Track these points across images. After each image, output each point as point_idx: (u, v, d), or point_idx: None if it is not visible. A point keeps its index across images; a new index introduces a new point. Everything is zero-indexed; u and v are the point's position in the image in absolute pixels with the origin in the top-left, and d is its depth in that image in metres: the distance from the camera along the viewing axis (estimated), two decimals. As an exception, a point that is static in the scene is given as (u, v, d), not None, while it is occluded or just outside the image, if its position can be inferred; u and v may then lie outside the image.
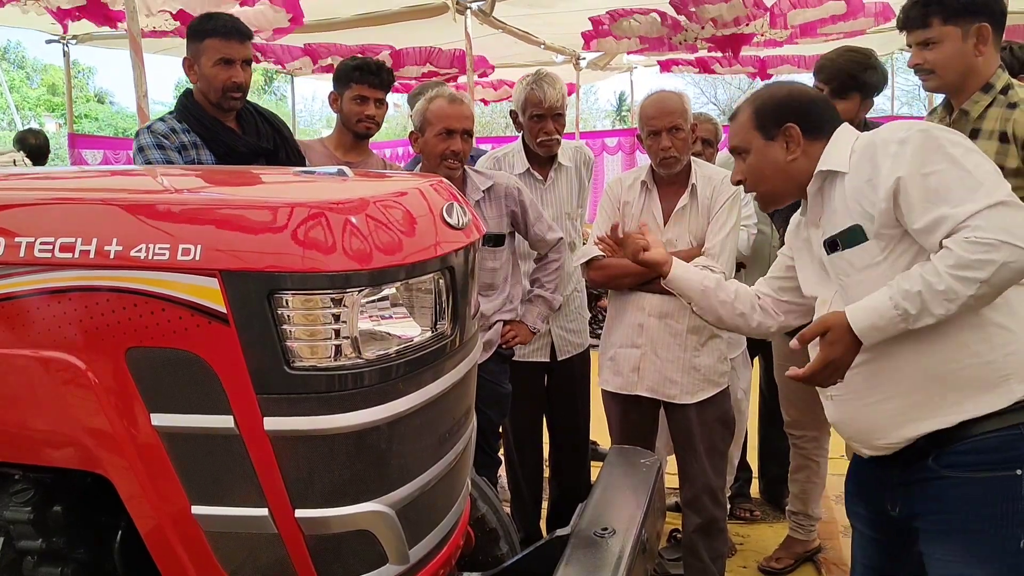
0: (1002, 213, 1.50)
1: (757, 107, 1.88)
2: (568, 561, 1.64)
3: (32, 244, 1.33)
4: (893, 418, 1.70)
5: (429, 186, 1.62)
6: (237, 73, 2.66)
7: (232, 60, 2.65)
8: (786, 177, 1.86)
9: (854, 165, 1.73)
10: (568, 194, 3.25)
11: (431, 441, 1.53)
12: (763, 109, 1.87)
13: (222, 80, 2.64)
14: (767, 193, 1.93)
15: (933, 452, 1.67)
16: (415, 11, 6.54)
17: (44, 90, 26.34)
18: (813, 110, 1.85)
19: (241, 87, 2.69)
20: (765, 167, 1.87)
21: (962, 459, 1.63)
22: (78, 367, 1.33)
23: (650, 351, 2.73)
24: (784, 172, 1.85)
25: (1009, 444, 1.60)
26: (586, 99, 26.13)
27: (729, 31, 6.47)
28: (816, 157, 1.81)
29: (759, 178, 1.90)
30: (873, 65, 2.85)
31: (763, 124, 1.85)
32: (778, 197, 1.93)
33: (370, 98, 3.08)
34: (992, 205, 1.51)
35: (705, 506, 2.78)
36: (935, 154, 1.57)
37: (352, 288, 1.31)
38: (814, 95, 1.93)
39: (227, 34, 2.66)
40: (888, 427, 1.71)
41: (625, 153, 11.29)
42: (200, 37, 2.67)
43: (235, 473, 1.34)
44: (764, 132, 1.85)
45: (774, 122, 1.84)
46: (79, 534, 1.47)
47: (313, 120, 27.01)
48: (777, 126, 1.83)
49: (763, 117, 1.86)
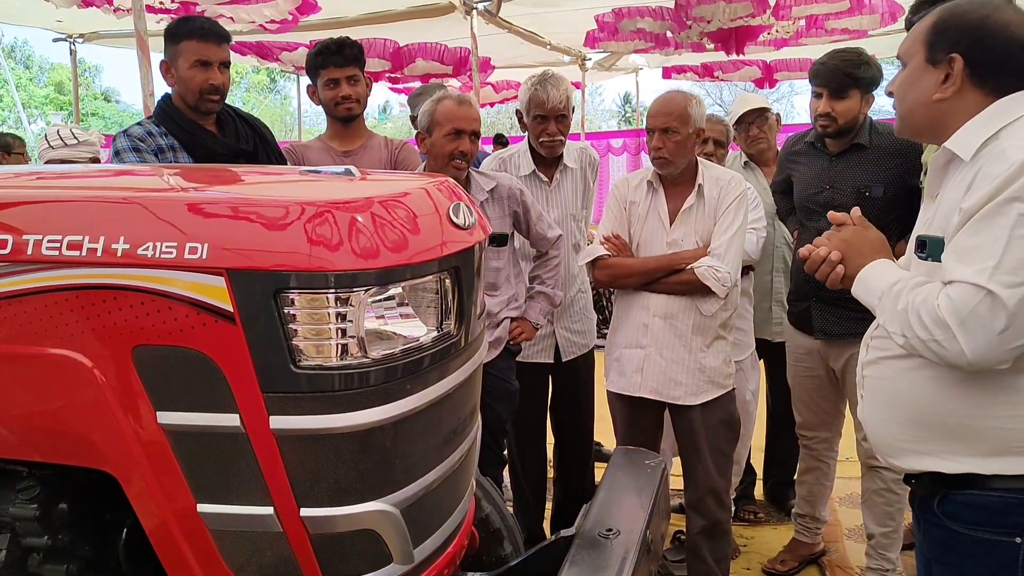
0: (975, 303, 1.38)
1: (940, 19, 1.56)
2: (572, 562, 1.64)
3: (40, 242, 1.33)
4: (900, 442, 1.61)
5: (435, 186, 1.62)
6: (214, 75, 2.65)
7: (209, 62, 2.64)
8: (925, 115, 1.59)
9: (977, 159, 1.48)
10: (573, 195, 3.25)
11: (436, 441, 1.53)
12: (944, 25, 1.55)
13: (199, 82, 2.63)
14: (903, 119, 1.65)
15: (939, 493, 1.58)
16: (421, 10, 6.55)
17: (51, 88, 26.46)
18: (998, 49, 1.50)
19: (219, 89, 2.67)
20: (909, 91, 1.60)
21: (963, 511, 1.54)
22: (84, 365, 1.33)
23: (655, 352, 2.72)
24: (925, 108, 1.58)
25: (1012, 508, 1.48)
26: (592, 100, 26.15)
27: (735, 24, 6.45)
28: (973, 111, 1.52)
29: (901, 98, 1.63)
30: (866, 60, 2.87)
31: (934, 42, 1.55)
32: (912, 131, 1.67)
33: (340, 78, 3.05)
34: (977, 286, 1.38)
35: (709, 508, 2.78)
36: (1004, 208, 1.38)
37: (358, 287, 1.31)
38: (1013, 34, 1.50)
39: (204, 36, 2.64)
40: (895, 449, 1.63)
41: (630, 154, 11.31)
42: (177, 39, 2.66)
43: (241, 471, 1.34)
44: (930, 51, 1.55)
45: (945, 43, 1.53)
46: (84, 531, 1.48)
47: (318, 120, 27.05)
48: (944, 51, 1.53)
49: (938, 34, 1.55)
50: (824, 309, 2.96)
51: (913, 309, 1.45)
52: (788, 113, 25.12)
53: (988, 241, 1.38)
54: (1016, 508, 1.48)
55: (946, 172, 1.58)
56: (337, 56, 3.03)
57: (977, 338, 1.38)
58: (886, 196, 2.86)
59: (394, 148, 3.24)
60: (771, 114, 3.82)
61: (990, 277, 1.37)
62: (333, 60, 3.04)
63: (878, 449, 1.69)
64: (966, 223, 1.43)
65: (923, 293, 1.46)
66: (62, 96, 24.79)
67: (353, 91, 3.07)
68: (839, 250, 1.65)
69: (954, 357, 1.41)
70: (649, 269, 2.72)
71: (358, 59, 3.09)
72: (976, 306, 1.38)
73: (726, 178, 2.76)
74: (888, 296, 1.52)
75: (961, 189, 1.48)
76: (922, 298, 1.45)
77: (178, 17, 2.83)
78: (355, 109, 3.10)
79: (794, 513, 3.41)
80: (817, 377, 3.12)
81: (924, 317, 1.43)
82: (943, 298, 1.41)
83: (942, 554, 1.61)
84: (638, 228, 2.80)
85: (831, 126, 2.90)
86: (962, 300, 1.39)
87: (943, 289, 1.43)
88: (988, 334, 1.38)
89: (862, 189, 2.88)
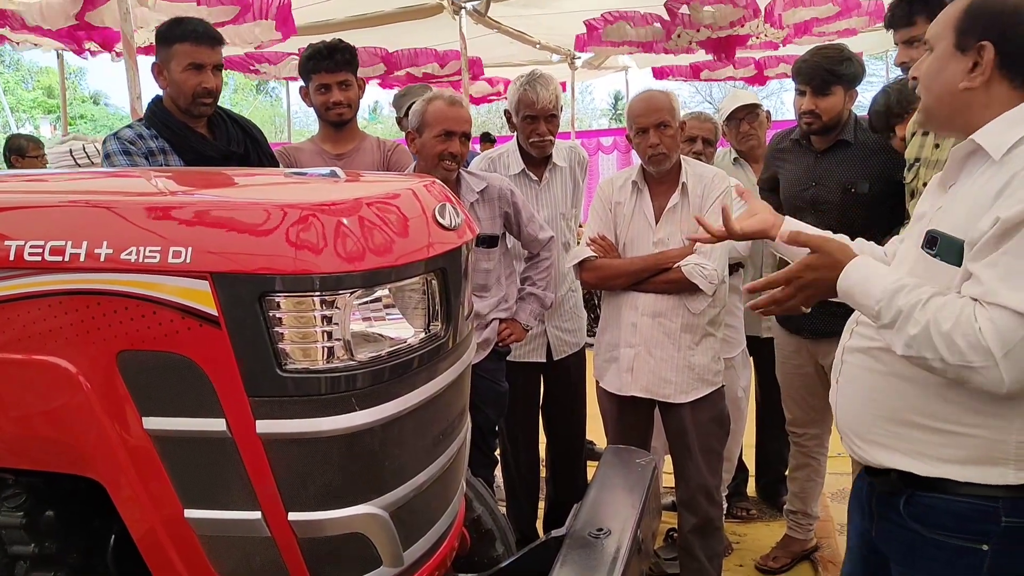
0: (1018, 328, 1.30)
1: (974, 3, 1.46)
2: (563, 562, 1.64)
3: (22, 247, 1.32)
4: (873, 434, 1.57)
5: (422, 187, 1.61)
6: (208, 79, 2.63)
7: (202, 65, 2.62)
8: (950, 105, 1.50)
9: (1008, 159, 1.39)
10: (563, 194, 3.25)
11: (425, 443, 1.53)
12: (977, 10, 1.45)
13: (192, 86, 2.61)
14: (928, 109, 1.56)
15: (905, 493, 1.55)
16: (410, 12, 6.54)
17: (40, 92, 26.31)
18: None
19: (212, 92, 2.65)
20: (935, 79, 1.51)
21: (931, 515, 1.51)
22: (69, 371, 1.32)
23: (644, 351, 2.72)
24: (951, 97, 1.48)
25: (982, 515, 1.45)
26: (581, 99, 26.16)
27: (724, 33, 6.47)
28: (1001, 106, 1.44)
29: (927, 87, 1.54)
30: (848, 57, 2.89)
31: (965, 28, 1.45)
32: (937, 122, 1.59)
33: (331, 83, 3.03)
34: (1020, 313, 1.30)
35: (700, 505, 2.78)
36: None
37: (344, 290, 1.31)
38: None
39: (197, 39, 2.62)
40: (868, 440, 1.59)
41: (620, 152, 11.31)
42: (169, 42, 2.63)
43: (228, 476, 1.33)
44: (959, 37, 1.46)
45: (976, 30, 1.43)
46: (72, 539, 1.47)
47: (309, 122, 26.99)
48: (975, 38, 1.43)
49: (971, 19, 1.45)
50: (812, 306, 2.96)
51: (941, 330, 1.34)
52: (778, 110, 25.16)
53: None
54: (986, 516, 1.45)
55: (966, 164, 1.49)
56: (328, 61, 3.02)
57: (1021, 369, 1.31)
58: (872, 192, 2.87)
59: (387, 150, 3.23)
60: (761, 111, 3.83)
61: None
62: (324, 65, 3.02)
63: (846, 435, 1.65)
64: (1008, 236, 1.33)
65: (951, 313, 1.35)
66: (51, 100, 24.66)
67: (344, 96, 3.06)
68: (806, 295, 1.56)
69: (990, 384, 1.33)
70: (636, 269, 2.72)
71: (350, 63, 3.07)
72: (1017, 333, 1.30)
73: (709, 175, 2.77)
74: (888, 312, 1.42)
75: (989, 190, 1.39)
76: (953, 319, 1.34)
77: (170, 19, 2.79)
78: (346, 114, 3.09)
79: (786, 510, 3.41)
80: (806, 375, 3.13)
81: (959, 341, 1.33)
82: (985, 322, 1.31)
83: (905, 556, 1.58)
84: (624, 228, 2.80)
85: (816, 123, 2.91)
86: (1009, 328, 1.30)
87: (982, 309, 1.33)
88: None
89: (848, 185, 2.89)
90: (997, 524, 1.44)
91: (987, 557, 1.44)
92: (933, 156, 2.20)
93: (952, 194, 1.52)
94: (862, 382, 1.61)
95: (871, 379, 1.58)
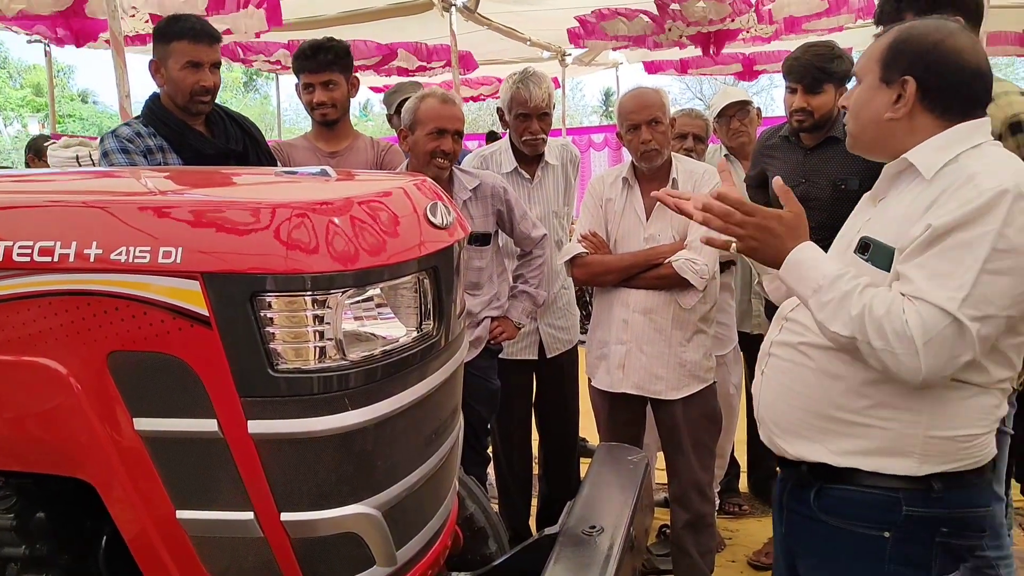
0: (943, 326, 1.40)
1: (897, 40, 1.58)
2: (556, 559, 1.64)
3: (10, 248, 1.31)
4: (794, 426, 1.65)
5: (413, 185, 1.61)
6: (205, 77, 2.61)
7: (200, 63, 2.60)
8: (875, 133, 1.62)
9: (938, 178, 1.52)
10: (555, 192, 3.25)
11: (418, 442, 1.53)
12: (900, 47, 1.57)
13: (190, 84, 2.59)
14: (855, 136, 1.68)
15: (815, 485, 1.63)
16: (400, 8, 6.52)
17: (28, 91, 26.13)
18: (949, 76, 1.54)
19: (210, 90, 2.64)
20: (863, 109, 1.63)
21: (838, 506, 1.60)
22: (59, 372, 1.32)
23: (635, 347, 2.73)
24: (876, 126, 1.61)
25: (885, 505, 1.56)
26: (572, 95, 26.10)
27: (714, 28, 6.49)
28: (923, 135, 1.56)
29: (854, 115, 1.66)
30: (839, 55, 2.89)
31: (889, 63, 1.57)
32: (863, 147, 1.70)
33: (314, 84, 3.01)
34: (946, 312, 1.40)
35: (692, 501, 2.79)
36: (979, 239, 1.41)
37: (336, 289, 1.31)
38: (964, 60, 1.54)
39: (196, 37, 2.60)
40: (787, 432, 1.67)
41: (612, 149, 11.29)
42: (167, 39, 2.61)
43: (220, 477, 1.33)
44: (884, 71, 1.58)
45: (899, 66, 1.56)
46: (63, 540, 1.46)
47: (299, 119, 26.88)
48: (898, 73, 1.56)
49: (894, 55, 1.57)
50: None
51: (873, 316, 1.45)
52: (768, 106, 25.21)
53: (961, 270, 1.41)
54: (887, 504, 1.55)
55: (896, 181, 1.63)
56: (311, 61, 2.99)
57: (938, 359, 1.42)
58: (862, 188, 2.83)
59: (380, 150, 3.22)
60: (752, 107, 3.83)
61: (959, 307, 1.40)
62: (308, 65, 3.01)
63: (766, 425, 1.73)
64: (937, 241, 1.44)
65: (884, 302, 1.45)
66: (39, 98, 24.50)
67: (328, 97, 3.02)
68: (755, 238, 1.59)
69: (907, 372, 1.44)
70: (627, 265, 2.72)
71: (334, 64, 3.01)
72: (943, 330, 1.41)
73: (700, 171, 2.78)
74: (830, 291, 1.50)
75: (920, 204, 1.51)
76: (884, 308, 1.44)
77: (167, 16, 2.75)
78: (330, 115, 3.06)
79: (778, 505, 3.42)
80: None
81: (886, 327, 1.43)
82: (912, 314, 1.42)
83: (812, 546, 1.67)
84: (615, 225, 2.81)
85: (807, 121, 2.91)
86: (931, 322, 1.41)
87: (910, 303, 1.44)
88: (948, 358, 1.42)
89: (838, 182, 2.89)
90: (899, 513, 1.55)
91: (888, 544, 1.55)
92: None
93: (882, 207, 1.65)
94: (788, 375, 1.68)
95: (797, 373, 1.65)
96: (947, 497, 1.55)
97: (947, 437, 1.53)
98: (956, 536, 1.57)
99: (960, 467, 1.55)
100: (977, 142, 1.55)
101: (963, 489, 1.56)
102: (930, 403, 1.52)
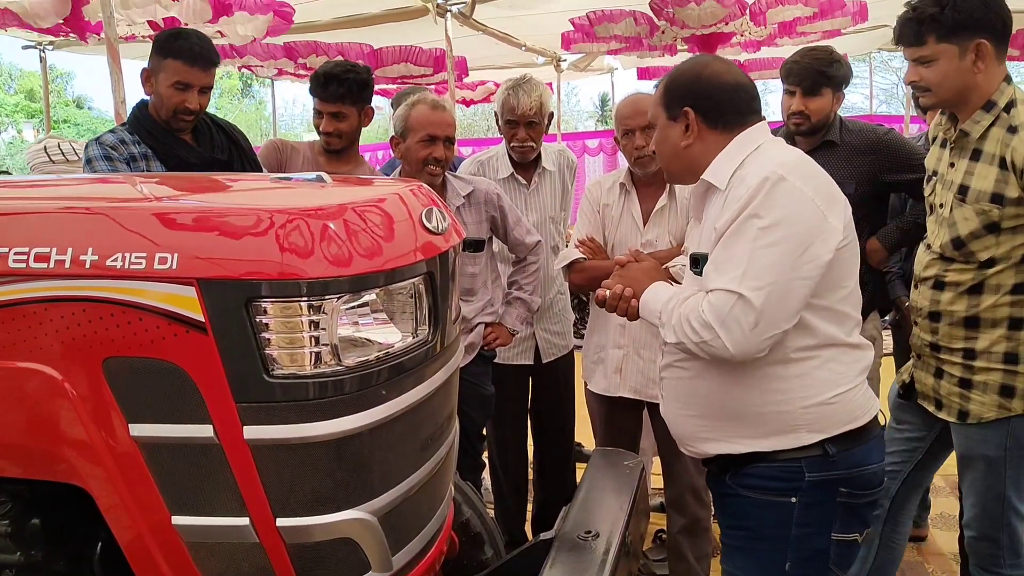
0: (731, 304, 1.61)
1: (667, 83, 1.86)
2: (552, 564, 1.65)
3: (6, 255, 1.31)
4: (696, 432, 1.85)
5: (408, 191, 1.61)
6: (192, 99, 2.60)
7: (190, 85, 2.59)
8: (681, 161, 1.85)
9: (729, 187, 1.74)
10: (552, 198, 3.25)
11: (413, 447, 1.53)
12: (671, 86, 1.84)
13: (175, 103, 2.59)
14: (668, 170, 1.94)
15: (730, 471, 1.82)
16: (395, 13, 6.52)
17: (22, 96, 26.08)
18: (715, 96, 1.79)
19: (193, 112, 2.63)
20: (663, 145, 1.87)
21: (751, 481, 1.78)
22: (55, 378, 1.32)
23: (632, 352, 2.73)
24: (679, 156, 1.84)
25: (790, 475, 1.73)
26: (568, 101, 26.20)
27: (708, 31, 6.49)
28: (715, 149, 1.79)
29: (660, 153, 1.91)
30: (837, 59, 2.89)
31: (668, 102, 1.83)
32: (677, 177, 1.95)
33: (324, 112, 2.97)
34: (730, 292, 1.62)
35: (689, 506, 2.79)
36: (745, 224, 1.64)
37: (331, 295, 1.31)
38: (724, 80, 1.81)
39: (191, 60, 2.58)
40: (693, 438, 1.87)
41: (607, 154, 11.33)
42: (164, 54, 2.60)
43: (215, 483, 1.33)
44: (668, 110, 1.83)
45: (677, 102, 1.81)
46: (58, 546, 1.46)
47: (294, 124, 26.92)
48: (678, 107, 1.81)
49: (670, 94, 1.83)
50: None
51: (684, 318, 1.69)
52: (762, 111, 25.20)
53: (736, 253, 1.64)
54: (791, 475, 1.74)
55: (707, 199, 1.84)
56: (322, 90, 2.96)
57: (735, 334, 1.62)
58: (857, 193, 2.87)
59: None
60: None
61: (740, 283, 1.61)
62: (319, 94, 2.98)
63: (680, 440, 1.92)
64: (721, 240, 1.68)
65: (691, 303, 1.70)
66: (33, 104, 24.47)
67: (334, 127, 2.98)
68: (626, 286, 1.89)
69: (720, 352, 1.64)
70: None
71: (345, 97, 2.95)
72: (732, 307, 1.62)
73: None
74: (665, 312, 1.75)
75: (718, 211, 1.74)
76: (691, 307, 1.69)
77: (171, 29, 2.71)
78: (333, 144, 3.02)
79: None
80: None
81: (693, 322, 1.66)
82: (706, 304, 1.65)
83: (733, 518, 1.86)
84: (612, 230, 2.81)
85: (804, 124, 2.92)
86: (720, 304, 1.63)
87: (705, 297, 1.67)
88: (743, 330, 1.62)
89: (833, 187, 2.90)
90: (802, 480, 1.73)
91: (795, 508, 1.74)
92: (948, 176, 2.22)
93: (701, 225, 1.88)
94: (678, 390, 1.88)
95: (683, 385, 1.86)
96: (841, 459, 1.73)
97: (819, 403, 1.72)
98: (854, 496, 1.75)
99: (847, 428, 1.73)
100: (757, 144, 1.78)
101: (855, 449, 1.75)
102: (794, 379, 1.72)
